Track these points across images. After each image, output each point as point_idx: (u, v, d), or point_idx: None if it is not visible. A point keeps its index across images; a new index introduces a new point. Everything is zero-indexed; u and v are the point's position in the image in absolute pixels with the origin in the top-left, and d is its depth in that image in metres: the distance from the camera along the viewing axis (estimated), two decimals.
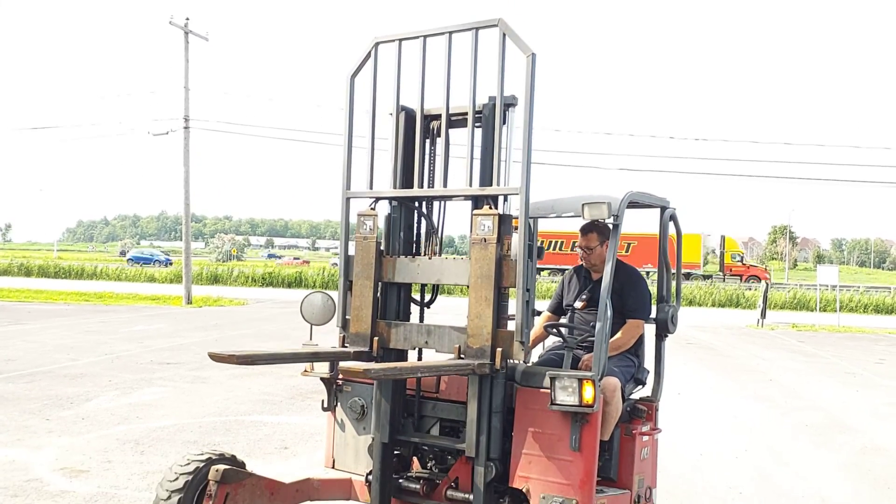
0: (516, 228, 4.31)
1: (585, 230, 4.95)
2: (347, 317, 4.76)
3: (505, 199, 4.39)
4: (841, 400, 11.53)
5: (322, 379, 5.00)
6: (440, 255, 4.72)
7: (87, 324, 18.63)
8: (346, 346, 4.73)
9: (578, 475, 4.10)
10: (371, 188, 4.75)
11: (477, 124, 4.47)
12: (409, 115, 4.70)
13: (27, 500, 5.49)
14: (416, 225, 4.82)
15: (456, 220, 4.65)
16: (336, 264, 67.69)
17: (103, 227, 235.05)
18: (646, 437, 4.83)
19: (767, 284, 30.22)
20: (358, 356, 4.65)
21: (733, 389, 12.17)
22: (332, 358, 4.71)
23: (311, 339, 5.19)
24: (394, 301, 4.74)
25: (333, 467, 5.07)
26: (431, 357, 4.81)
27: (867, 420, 10.06)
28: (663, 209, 5.12)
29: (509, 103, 4.35)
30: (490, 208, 4.31)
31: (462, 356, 4.29)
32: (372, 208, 4.75)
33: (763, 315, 26.50)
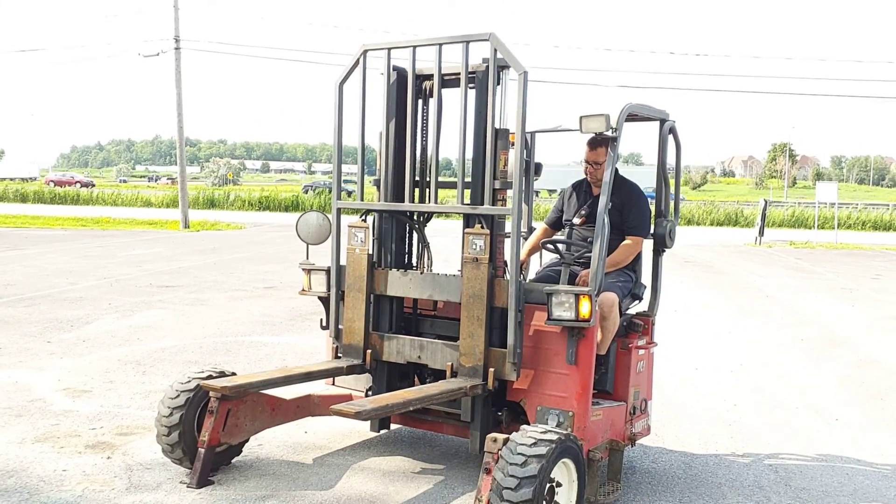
0: (513, 144, 4.27)
1: (594, 144, 4.84)
2: (340, 326, 4.78)
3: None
4: (837, 315, 11.63)
5: (320, 298, 5.01)
6: (431, 268, 4.75)
7: (85, 248, 18.63)
8: (340, 357, 4.76)
9: (575, 388, 4.15)
10: (361, 199, 4.74)
11: (470, 85, 4.39)
12: (401, 75, 4.59)
13: (31, 419, 5.57)
14: (407, 237, 4.81)
15: (450, 144, 4.59)
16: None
17: (97, 152, 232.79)
18: (642, 351, 4.87)
19: (766, 202, 30.11)
20: (351, 370, 4.69)
21: (729, 306, 12.27)
22: (327, 375, 4.74)
23: (307, 258, 5.18)
24: (386, 313, 4.74)
25: (333, 384, 5.14)
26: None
27: (862, 334, 10.16)
28: (662, 122, 5.03)
29: (502, 65, 4.27)
30: (481, 227, 4.27)
31: (455, 374, 4.34)
32: (363, 220, 4.71)
33: (761, 233, 26.56)
